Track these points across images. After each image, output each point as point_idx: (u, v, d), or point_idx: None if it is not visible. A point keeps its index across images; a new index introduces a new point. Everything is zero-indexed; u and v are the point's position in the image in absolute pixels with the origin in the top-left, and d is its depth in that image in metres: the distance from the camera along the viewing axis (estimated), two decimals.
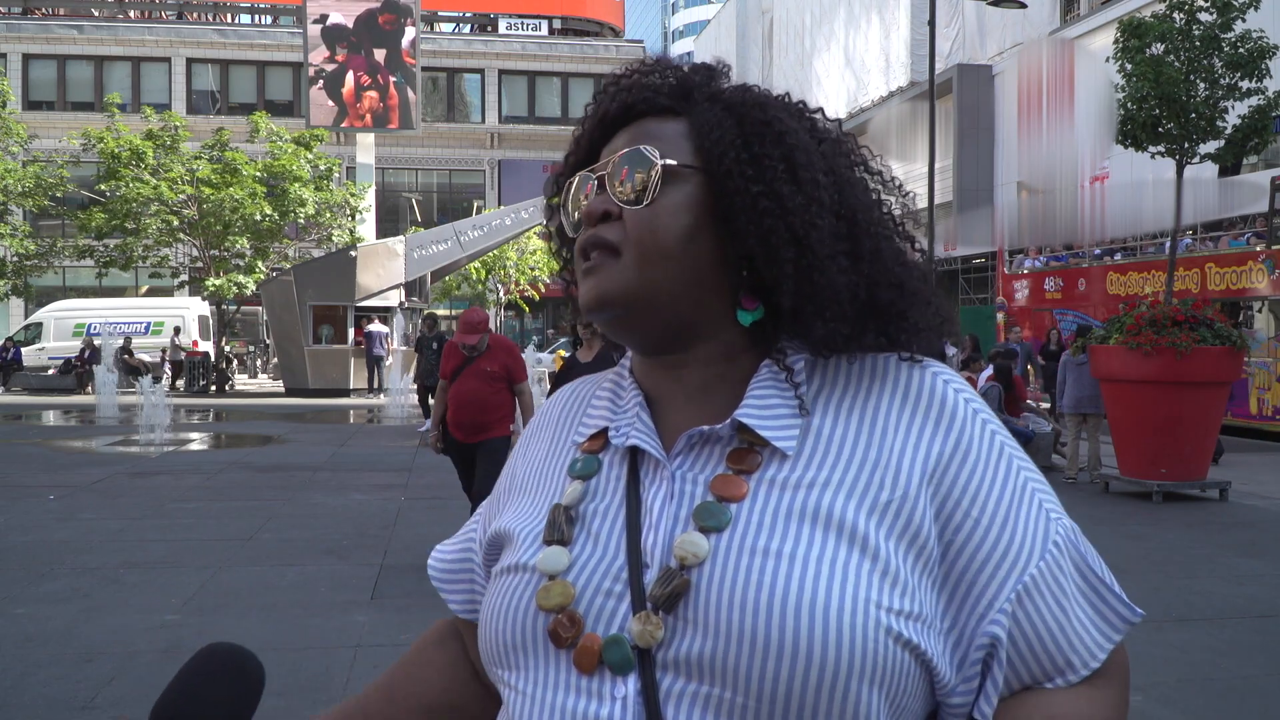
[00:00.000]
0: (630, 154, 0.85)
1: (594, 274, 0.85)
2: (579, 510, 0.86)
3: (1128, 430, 9.24)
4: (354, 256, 22.35)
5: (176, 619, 4.94)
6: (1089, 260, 18.70)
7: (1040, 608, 0.79)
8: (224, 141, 23.97)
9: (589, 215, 0.86)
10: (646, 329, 0.86)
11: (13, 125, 25.39)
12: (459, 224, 25.20)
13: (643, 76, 0.90)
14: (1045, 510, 0.82)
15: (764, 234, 0.82)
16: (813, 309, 0.82)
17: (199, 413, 18.72)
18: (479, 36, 39.07)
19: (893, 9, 33.74)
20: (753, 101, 0.87)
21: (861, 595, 0.74)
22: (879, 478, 0.79)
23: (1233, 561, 6.49)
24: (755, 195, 0.82)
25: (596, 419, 0.92)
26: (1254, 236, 15.91)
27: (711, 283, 0.85)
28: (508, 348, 6.22)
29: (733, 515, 0.79)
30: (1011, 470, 0.82)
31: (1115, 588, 0.84)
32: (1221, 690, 4.14)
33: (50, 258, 26.09)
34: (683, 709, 0.75)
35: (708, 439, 0.84)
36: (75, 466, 10.81)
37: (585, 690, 0.78)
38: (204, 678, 0.86)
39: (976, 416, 0.84)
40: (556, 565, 0.82)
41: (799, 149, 0.84)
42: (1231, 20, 9.89)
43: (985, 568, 0.78)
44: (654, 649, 0.76)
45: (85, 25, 36.13)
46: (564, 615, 0.80)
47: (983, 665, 0.78)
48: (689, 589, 0.76)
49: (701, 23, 78.55)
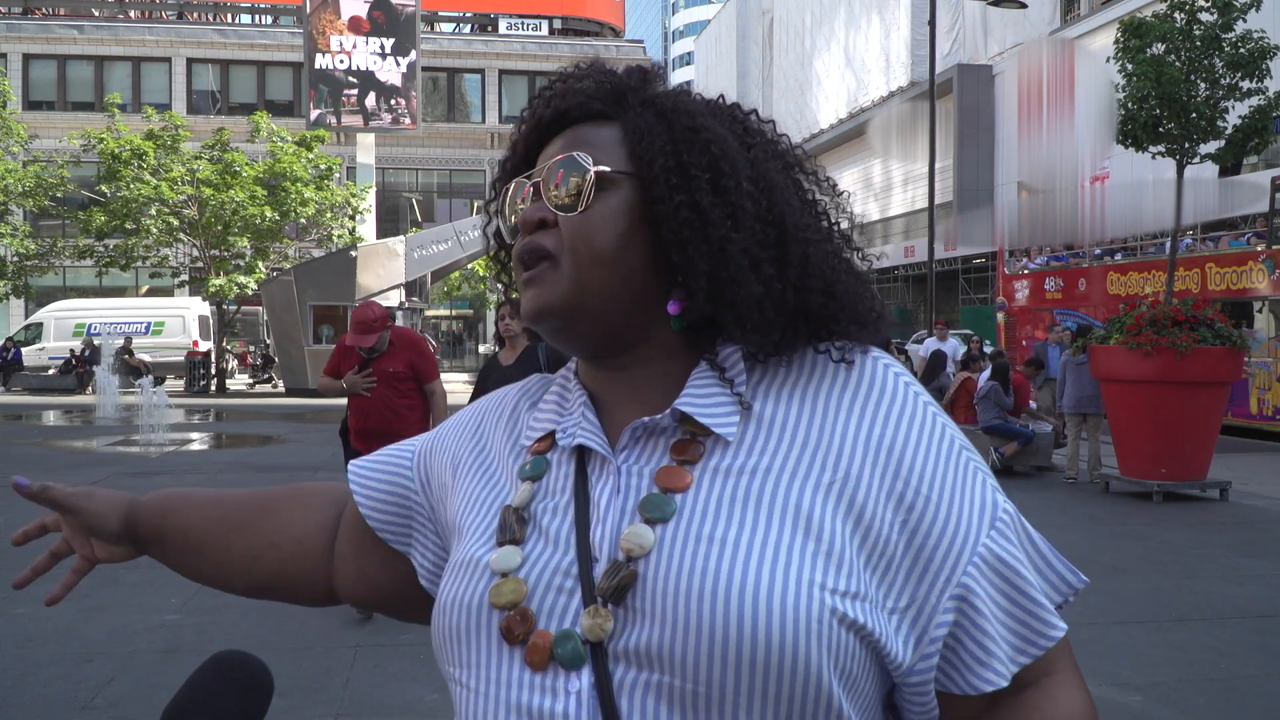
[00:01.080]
0: (564, 160, 0.85)
1: (533, 284, 0.86)
2: (530, 510, 0.87)
3: (1128, 430, 9.24)
4: (354, 256, 22.37)
5: (176, 619, 4.95)
6: (1089, 260, 18.71)
7: (1001, 573, 0.81)
8: (224, 142, 23.97)
9: (525, 223, 0.86)
10: (587, 335, 0.87)
11: (13, 125, 25.39)
12: (459, 224, 25.21)
13: (576, 82, 0.90)
14: (990, 486, 0.84)
15: (682, 244, 0.83)
16: (731, 318, 0.83)
17: (199, 413, 18.73)
18: (479, 36, 39.07)
19: (893, 9, 33.74)
20: (683, 108, 0.87)
21: (805, 578, 0.75)
22: (822, 459, 0.81)
23: (1233, 561, 6.49)
24: (678, 205, 0.83)
25: (544, 422, 0.92)
26: (1254, 236, 15.92)
27: (646, 287, 0.85)
28: (412, 343, 5.53)
29: (678, 505, 0.80)
30: (954, 449, 0.84)
31: (1058, 558, 0.86)
32: (1221, 690, 4.15)
33: (50, 258, 26.09)
34: (636, 699, 0.75)
35: (651, 431, 0.85)
36: (75, 466, 10.82)
37: (538, 686, 0.78)
38: (213, 685, 0.86)
39: (918, 399, 0.85)
40: (509, 564, 0.83)
41: (724, 157, 0.84)
42: (1232, 20, 9.89)
43: (942, 541, 0.79)
44: (605, 641, 0.77)
45: (85, 25, 36.12)
46: (516, 612, 0.80)
47: (952, 639, 0.79)
48: (636, 580, 0.77)
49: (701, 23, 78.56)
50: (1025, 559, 0.83)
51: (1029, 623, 0.81)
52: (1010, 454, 10.42)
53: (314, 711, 3.84)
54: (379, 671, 4.25)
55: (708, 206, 0.82)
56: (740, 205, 0.83)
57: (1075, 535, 7.19)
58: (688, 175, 0.83)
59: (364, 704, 3.93)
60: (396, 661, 4.37)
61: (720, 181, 0.83)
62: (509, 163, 0.94)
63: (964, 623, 0.79)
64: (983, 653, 0.79)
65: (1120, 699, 4.01)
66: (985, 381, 10.83)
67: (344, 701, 3.94)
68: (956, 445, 0.84)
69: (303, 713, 3.82)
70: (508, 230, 0.92)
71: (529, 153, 0.92)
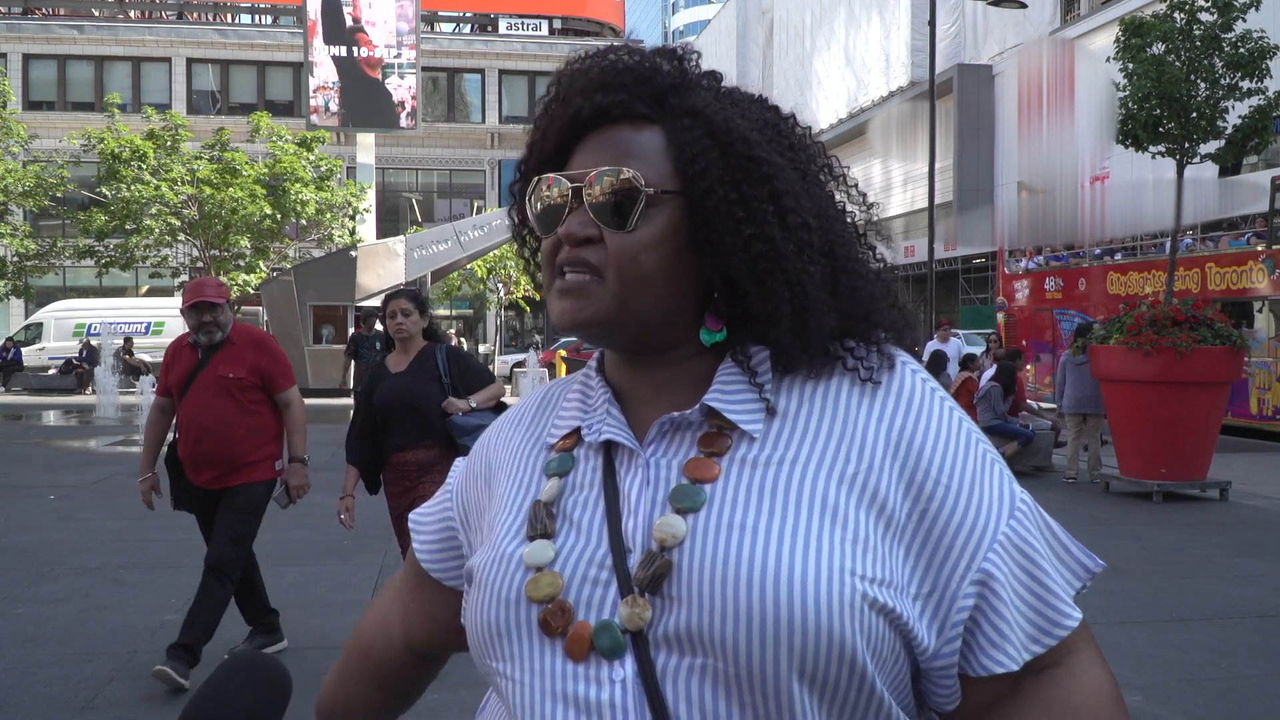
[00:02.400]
0: (611, 174, 0.84)
1: (571, 295, 0.85)
2: (559, 505, 0.88)
3: (1128, 430, 9.24)
4: (354, 256, 22.37)
5: (176, 619, 4.93)
6: (1089, 260, 18.70)
7: (1020, 561, 0.83)
8: (224, 142, 23.97)
9: (570, 238, 0.85)
10: (620, 341, 0.89)
11: (13, 125, 25.38)
12: (459, 224, 25.21)
13: (612, 69, 0.87)
14: (1006, 478, 0.86)
15: (760, 276, 0.84)
16: (800, 345, 0.85)
17: None
18: (479, 36, 39.07)
19: (893, 9, 33.73)
20: (734, 130, 0.84)
21: (837, 564, 0.77)
22: (844, 451, 0.82)
23: (1233, 561, 6.49)
24: (748, 238, 0.83)
25: (568, 419, 0.93)
26: (1254, 236, 15.91)
27: (685, 303, 0.87)
28: (258, 342, 4.35)
29: (707, 495, 0.81)
30: (971, 441, 0.86)
31: (1074, 544, 0.89)
32: (1221, 690, 4.14)
33: (50, 258, 26.07)
34: (680, 682, 0.77)
35: (678, 425, 0.87)
36: (75, 466, 10.81)
37: (583, 677, 0.80)
38: (232, 686, 0.86)
39: (934, 394, 0.87)
40: (542, 558, 0.84)
41: (787, 193, 0.85)
42: (1232, 20, 9.88)
43: (962, 528, 0.81)
44: (644, 630, 0.79)
45: (85, 25, 36.12)
46: (554, 605, 0.82)
47: (971, 622, 0.81)
48: (671, 569, 0.79)
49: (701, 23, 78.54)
50: (1044, 547, 0.85)
51: (1044, 611, 0.83)
52: (1009, 454, 10.42)
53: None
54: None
55: (780, 240, 0.83)
56: (809, 240, 0.84)
57: (1075, 535, 7.12)
58: (751, 208, 0.83)
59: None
60: None
61: (786, 218, 0.84)
62: (537, 149, 0.91)
63: (984, 606, 0.81)
64: (998, 635, 0.81)
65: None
66: (986, 381, 10.83)
67: None
68: (974, 437, 0.86)
69: (303, 713, 3.81)
70: (539, 225, 0.89)
71: (561, 144, 0.89)
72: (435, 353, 4.35)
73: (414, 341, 4.35)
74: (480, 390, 4.35)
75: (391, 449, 4.31)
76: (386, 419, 4.31)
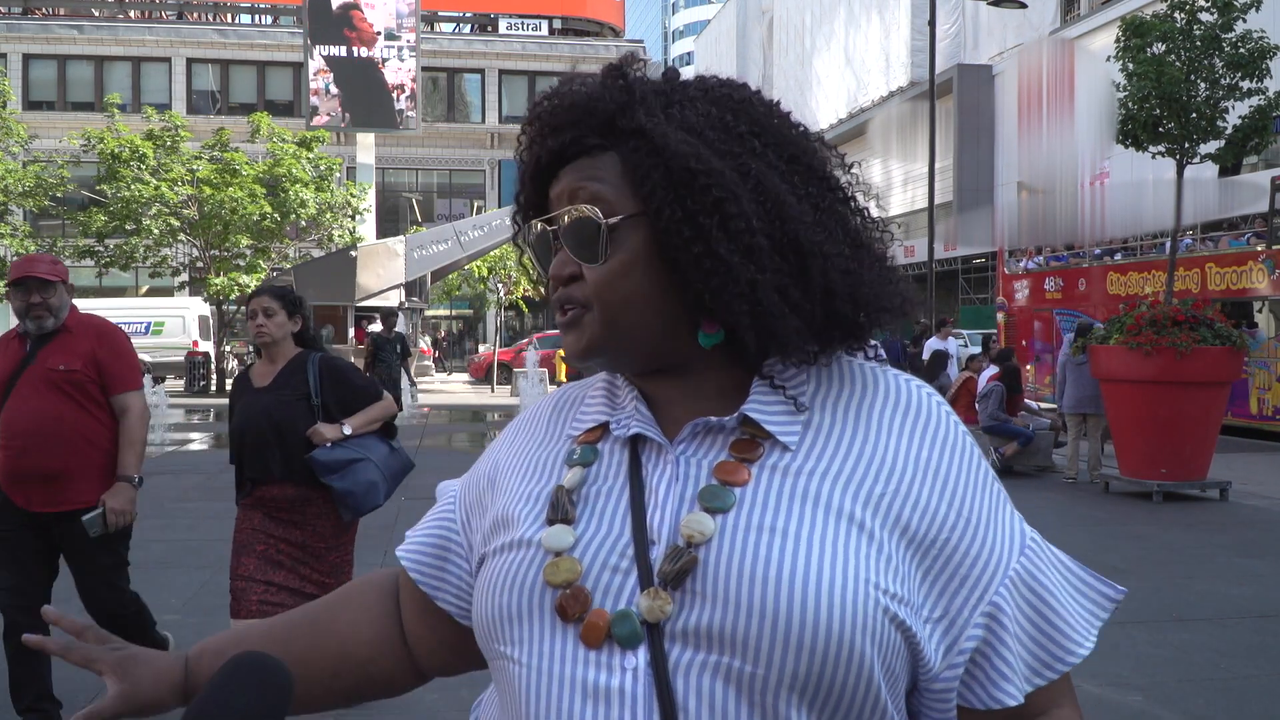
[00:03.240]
0: (575, 220, 0.87)
1: (571, 329, 0.90)
2: (581, 493, 0.89)
3: (1128, 430, 9.24)
4: (354, 256, 22.35)
5: (177, 619, 4.94)
6: (1089, 260, 18.70)
7: (1027, 597, 0.86)
8: (224, 142, 23.97)
9: (555, 279, 0.90)
10: (630, 363, 0.91)
11: (13, 125, 25.37)
12: (459, 224, 25.20)
13: (563, 113, 0.89)
14: (1017, 516, 0.91)
15: (714, 291, 0.84)
16: (775, 346, 0.87)
17: (199, 413, 18.72)
18: (479, 36, 39.07)
19: (893, 9, 33.74)
20: (673, 145, 0.84)
21: (861, 574, 0.79)
22: (875, 472, 0.85)
23: (1233, 561, 6.50)
24: (697, 256, 0.84)
25: (593, 414, 0.95)
26: (1254, 236, 15.91)
27: (675, 314, 0.88)
28: (100, 330, 3.59)
29: (737, 497, 0.83)
30: (989, 479, 0.90)
31: (1092, 574, 0.91)
32: (1221, 690, 4.15)
33: None
34: (692, 677, 0.78)
35: (711, 429, 0.88)
36: None
37: (595, 663, 0.81)
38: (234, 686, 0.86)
39: (959, 429, 0.91)
40: (562, 542, 0.85)
41: (729, 198, 0.84)
42: (1232, 20, 9.89)
43: (978, 561, 0.85)
44: (663, 623, 0.80)
45: (85, 25, 36.12)
46: (571, 591, 0.83)
47: (978, 654, 0.84)
48: (696, 565, 0.80)
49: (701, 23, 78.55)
50: (1057, 581, 0.88)
51: (1049, 646, 0.86)
52: (1010, 454, 10.42)
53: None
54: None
55: (726, 253, 0.84)
56: (755, 244, 0.84)
57: (1075, 535, 7.19)
58: (696, 223, 0.84)
59: (364, 704, 3.92)
60: None
61: (729, 224, 0.84)
62: (521, 198, 0.96)
63: (991, 639, 0.84)
64: (1004, 668, 0.84)
65: (1120, 699, 4.01)
66: (986, 381, 10.83)
67: None
68: (990, 475, 0.90)
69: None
70: (535, 269, 0.97)
71: (539, 189, 0.93)
72: (307, 364, 3.54)
73: (280, 349, 3.57)
74: (359, 412, 3.57)
75: (251, 481, 3.49)
76: (242, 445, 3.50)
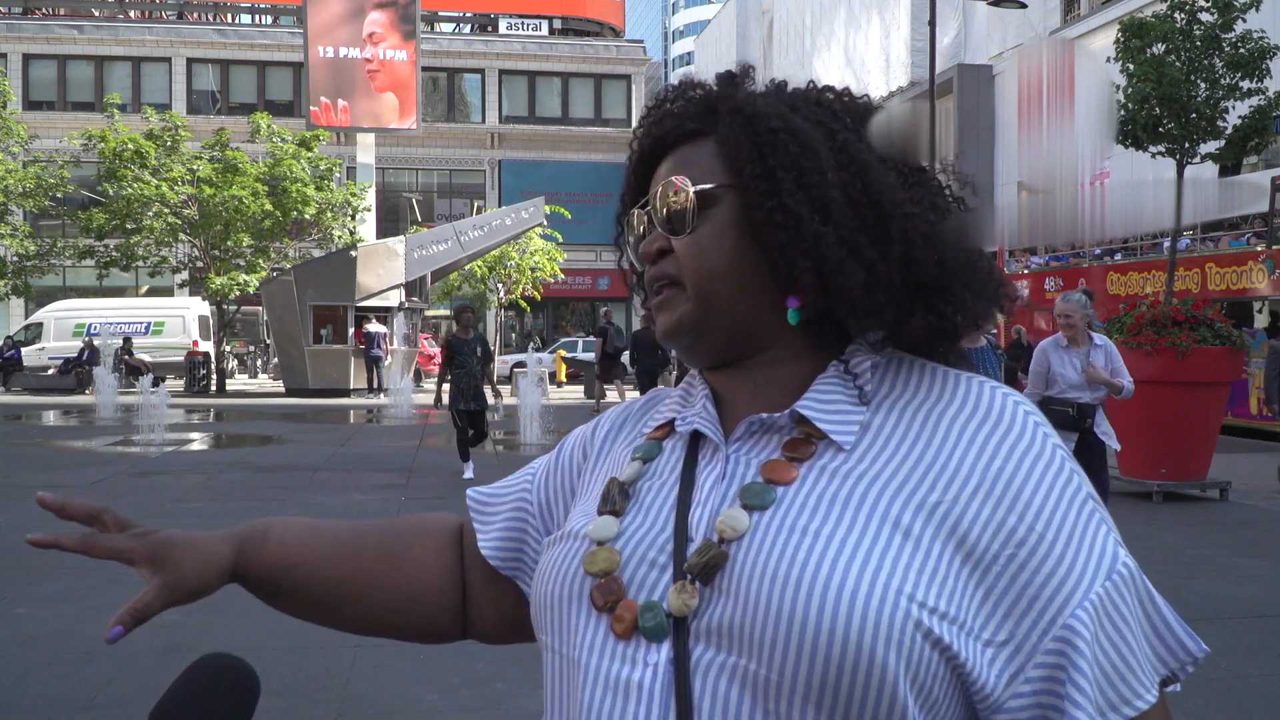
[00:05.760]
0: (665, 187, 0.89)
1: (663, 309, 0.90)
2: (635, 487, 0.90)
3: (1128, 430, 9.23)
4: (354, 256, 22.36)
5: (176, 619, 4.93)
6: (1089, 260, 18.70)
7: (1105, 628, 0.78)
8: (225, 142, 23.97)
9: (646, 255, 0.91)
10: (716, 346, 0.90)
11: (13, 125, 25.37)
12: (459, 224, 25.22)
13: (671, 104, 0.93)
14: (1111, 538, 0.81)
15: (781, 246, 0.84)
16: (844, 309, 0.85)
17: (199, 413, 18.72)
18: (479, 36, 39.07)
19: (893, 9, 33.73)
20: (766, 110, 0.87)
21: (895, 585, 0.74)
22: (932, 479, 0.80)
23: (1233, 561, 6.50)
24: (769, 210, 0.84)
25: (666, 412, 0.96)
26: (1254, 236, 15.91)
27: (763, 291, 0.87)
28: None
29: (778, 496, 0.81)
30: (1076, 490, 0.81)
31: (1180, 624, 0.82)
32: (1221, 690, 4.14)
33: (50, 258, 26.07)
34: (709, 678, 0.77)
35: (767, 427, 0.87)
36: (75, 466, 10.82)
37: (620, 655, 0.80)
38: (198, 688, 0.86)
39: (1045, 437, 0.83)
40: (606, 533, 0.86)
41: (806, 153, 0.85)
42: (1232, 20, 9.89)
43: (1051, 581, 0.77)
44: (688, 618, 0.79)
45: (85, 25, 36.13)
46: (606, 580, 0.83)
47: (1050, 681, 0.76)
48: (725, 561, 0.79)
49: (701, 23, 78.55)
50: (1138, 618, 0.80)
51: (1118, 685, 0.78)
52: None
53: (314, 711, 3.84)
54: (379, 671, 4.24)
55: (795, 205, 0.83)
56: (829, 196, 0.84)
57: None
58: (774, 179, 0.84)
59: (364, 704, 3.93)
60: (396, 661, 4.37)
61: (804, 178, 0.84)
62: (625, 194, 0.98)
63: (1065, 664, 0.76)
64: (1081, 696, 0.76)
65: None
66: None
67: (344, 701, 3.94)
68: (1079, 486, 0.81)
69: (303, 713, 3.82)
70: (636, 260, 0.96)
71: (640, 182, 0.95)
72: None
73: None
74: None
75: None
76: None
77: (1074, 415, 6.04)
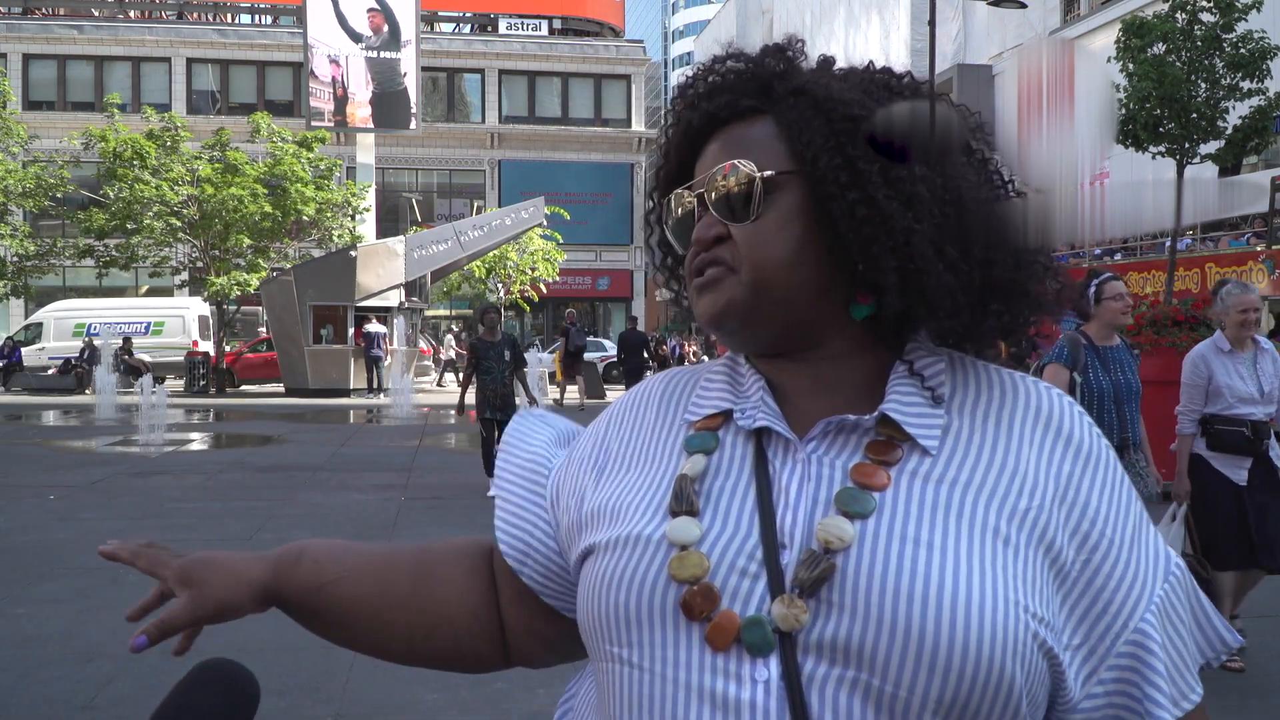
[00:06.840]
0: (726, 176, 0.84)
1: (710, 290, 0.85)
2: (703, 485, 0.83)
3: None
4: (354, 256, 22.36)
5: None
6: (1089, 260, 18.70)
7: (1168, 628, 0.80)
8: (224, 142, 23.97)
9: (700, 241, 0.85)
10: (763, 335, 0.86)
11: (13, 125, 25.37)
12: (459, 224, 25.22)
13: (717, 77, 0.88)
14: (1160, 540, 0.83)
15: (864, 242, 0.80)
16: (925, 310, 0.82)
17: (199, 413, 18.72)
18: (479, 36, 39.07)
19: (892, 9, 33.74)
20: (839, 97, 0.83)
21: (1011, 595, 0.74)
22: (1018, 486, 0.79)
23: None
24: (852, 203, 0.80)
25: (713, 399, 0.89)
26: (1254, 236, 15.92)
27: (826, 283, 0.84)
28: None
29: (877, 503, 0.77)
30: (1133, 498, 0.83)
31: (1217, 615, 0.85)
32: (1222, 690, 4.14)
33: (50, 258, 26.08)
34: (828, 693, 0.73)
35: (844, 428, 0.83)
36: (75, 466, 10.82)
37: (721, 671, 0.75)
38: (198, 693, 0.86)
39: (1103, 445, 0.84)
40: (688, 536, 0.79)
41: None
42: (1233, 21, 9.90)
43: (1121, 584, 0.79)
44: (795, 633, 0.75)
45: (85, 25, 36.12)
46: (699, 588, 0.77)
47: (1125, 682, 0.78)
48: (834, 573, 0.75)
49: (701, 23, 78.57)
50: (1188, 615, 0.83)
51: (1177, 681, 0.80)
52: None
53: (314, 711, 3.84)
54: (379, 671, 4.24)
55: (883, 200, 0.80)
56: (916, 192, 0.80)
57: None
58: (856, 170, 0.80)
59: (364, 704, 3.93)
60: None
61: (890, 171, 0.80)
62: (662, 171, 0.92)
63: (1139, 665, 0.78)
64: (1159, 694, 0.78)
65: None
66: None
67: (344, 701, 3.94)
68: (1134, 494, 0.84)
69: (303, 713, 3.82)
70: (677, 242, 0.91)
71: (682, 162, 0.90)
72: None
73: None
74: None
75: None
76: None
77: (1250, 436, 4.60)
